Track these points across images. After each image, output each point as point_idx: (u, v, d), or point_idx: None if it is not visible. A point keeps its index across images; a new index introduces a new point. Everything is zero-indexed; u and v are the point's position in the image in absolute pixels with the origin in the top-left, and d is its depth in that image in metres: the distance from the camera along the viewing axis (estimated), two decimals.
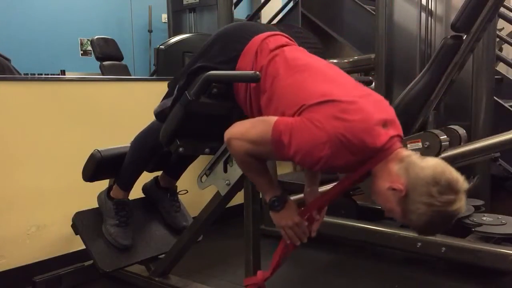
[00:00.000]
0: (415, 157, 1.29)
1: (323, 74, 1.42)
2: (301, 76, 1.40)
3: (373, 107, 1.31)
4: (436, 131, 2.33)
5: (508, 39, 4.32)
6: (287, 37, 1.59)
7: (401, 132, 1.38)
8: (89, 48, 5.41)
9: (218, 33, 1.65)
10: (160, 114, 1.66)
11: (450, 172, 1.25)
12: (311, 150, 1.26)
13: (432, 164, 1.26)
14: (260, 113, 1.47)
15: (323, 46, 3.46)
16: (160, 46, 3.46)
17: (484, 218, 2.32)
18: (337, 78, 1.42)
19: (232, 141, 1.38)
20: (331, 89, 1.33)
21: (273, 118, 1.33)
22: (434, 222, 1.24)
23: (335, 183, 1.48)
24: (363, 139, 1.25)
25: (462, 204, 1.23)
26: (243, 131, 1.38)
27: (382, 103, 1.39)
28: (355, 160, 1.28)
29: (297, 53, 1.51)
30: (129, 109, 2.62)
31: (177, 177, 2.11)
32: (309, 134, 1.26)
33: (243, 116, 1.57)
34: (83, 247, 2.00)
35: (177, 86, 1.61)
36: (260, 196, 1.75)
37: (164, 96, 1.71)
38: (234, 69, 1.52)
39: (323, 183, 2.75)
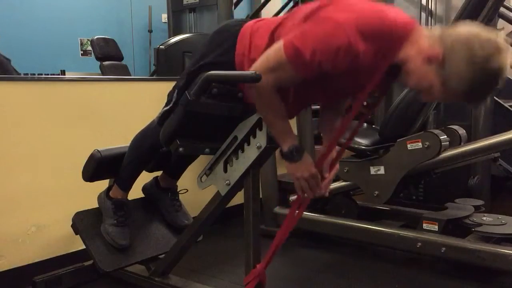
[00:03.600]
0: (444, 28, 1.23)
1: None
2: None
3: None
4: (436, 131, 2.33)
5: (508, 39, 4.32)
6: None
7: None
8: (89, 48, 5.41)
9: (213, 32, 1.66)
10: (161, 119, 1.66)
11: (488, 32, 1.18)
12: (328, 42, 1.21)
13: (467, 28, 1.20)
14: None
15: None
16: (160, 46, 3.46)
17: (484, 218, 2.32)
18: None
19: None
20: None
21: (282, 40, 1.31)
22: (478, 82, 1.16)
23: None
24: (379, 22, 1.21)
25: (506, 61, 1.16)
26: (261, 63, 1.34)
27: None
28: (377, 47, 1.22)
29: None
30: (129, 109, 2.62)
31: (177, 177, 2.11)
32: (321, 29, 1.23)
33: (243, 116, 1.58)
34: (83, 247, 1.99)
35: (176, 89, 1.61)
36: (261, 196, 1.75)
37: (165, 105, 1.71)
38: (233, 58, 1.52)
39: None
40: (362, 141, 2.45)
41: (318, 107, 1.75)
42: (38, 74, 3.92)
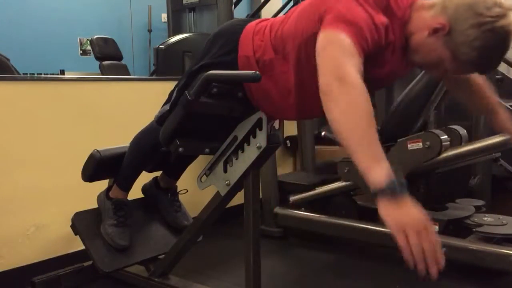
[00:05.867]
0: None
1: None
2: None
3: None
4: (437, 131, 2.32)
5: None
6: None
7: None
8: (89, 47, 5.41)
9: (214, 33, 1.65)
10: (160, 119, 1.65)
11: None
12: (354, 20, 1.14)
13: None
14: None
15: None
16: (160, 46, 3.45)
17: (485, 218, 2.31)
18: None
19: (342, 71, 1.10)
20: None
21: (331, 30, 1.16)
22: (489, 46, 1.13)
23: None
24: None
25: None
26: (329, 61, 1.14)
27: None
28: (389, 18, 1.18)
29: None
30: (129, 109, 2.61)
31: (176, 178, 2.10)
32: (346, 8, 1.16)
33: (243, 116, 1.57)
34: (83, 247, 1.99)
35: (176, 88, 1.61)
36: (261, 196, 1.73)
37: (165, 102, 1.70)
38: (236, 59, 1.51)
39: (324, 183, 2.76)
40: None
41: None
42: (38, 74, 3.92)
